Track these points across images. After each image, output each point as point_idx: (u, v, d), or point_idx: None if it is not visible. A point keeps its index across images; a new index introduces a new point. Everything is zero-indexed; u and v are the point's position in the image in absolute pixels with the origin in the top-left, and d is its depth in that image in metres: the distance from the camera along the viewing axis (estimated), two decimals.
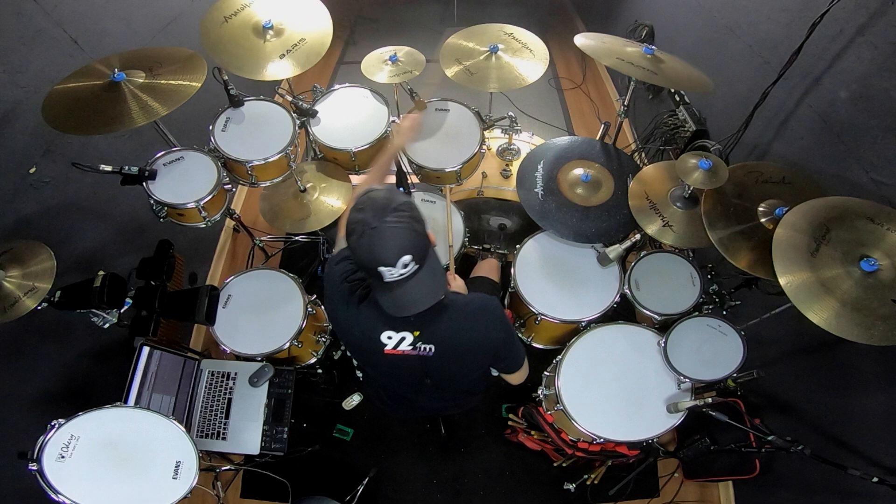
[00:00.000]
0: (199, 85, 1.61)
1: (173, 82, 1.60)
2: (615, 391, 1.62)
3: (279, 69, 1.79)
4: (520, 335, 1.99)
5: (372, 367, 1.34)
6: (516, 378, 1.36)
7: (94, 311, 1.54)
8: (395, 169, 2.03)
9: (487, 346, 1.21)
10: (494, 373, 1.42)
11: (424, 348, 1.16)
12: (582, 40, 1.71)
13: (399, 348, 1.15)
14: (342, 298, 1.17)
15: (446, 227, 1.90)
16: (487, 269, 1.89)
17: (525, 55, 1.88)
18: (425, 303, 1.04)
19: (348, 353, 1.54)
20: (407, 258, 0.98)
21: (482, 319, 1.18)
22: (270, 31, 1.83)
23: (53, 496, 1.19)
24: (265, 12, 1.86)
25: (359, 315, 1.15)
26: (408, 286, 1.02)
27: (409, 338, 1.14)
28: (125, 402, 1.49)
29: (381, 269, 0.98)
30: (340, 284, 1.18)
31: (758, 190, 1.50)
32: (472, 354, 1.22)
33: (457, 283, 1.57)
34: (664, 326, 1.67)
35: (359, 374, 1.64)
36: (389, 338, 1.14)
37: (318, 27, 1.89)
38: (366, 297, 1.15)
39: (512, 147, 2.24)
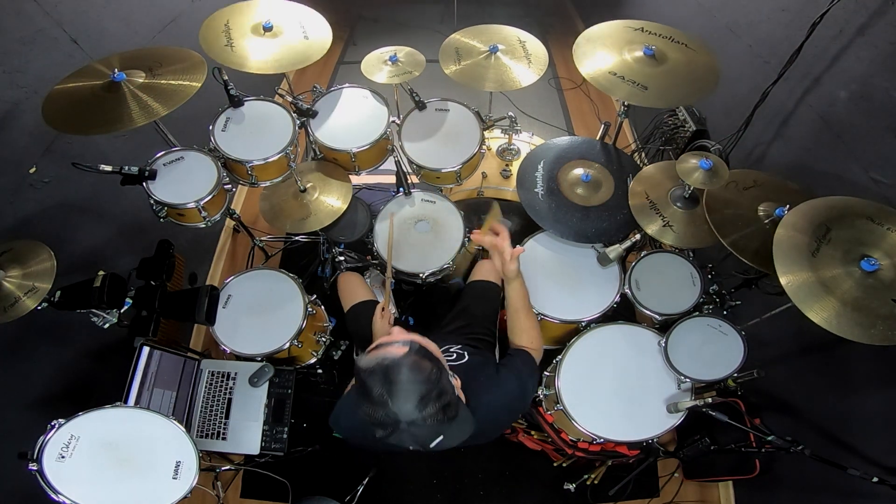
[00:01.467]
0: (199, 85, 1.61)
1: (173, 82, 1.60)
2: (615, 391, 1.62)
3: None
4: None
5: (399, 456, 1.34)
6: None
7: (94, 311, 1.54)
8: (395, 169, 2.04)
9: (507, 423, 1.27)
10: None
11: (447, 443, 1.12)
12: (585, 68, 1.70)
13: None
14: (356, 428, 1.15)
15: (386, 245, 1.78)
16: (487, 271, 1.89)
17: (523, 62, 1.88)
18: (450, 445, 0.99)
19: None
20: (439, 440, 0.93)
21: (507, 418, 1.24)
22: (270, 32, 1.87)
23: (53, 496, 1.19)
24: (265, 14, 1.89)
25: (373, 440, 1.03)
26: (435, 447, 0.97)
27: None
28: (125, 402, 1.49)
29: (412, 447, 0.94)
30: (353, 420, 1.15)
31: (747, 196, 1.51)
32: (493, 435, 1.25)
33: (387, 329, 1.46)
34: (664, 326, 1.67)
35: None
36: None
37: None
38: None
39: (512, 147, 2.24)
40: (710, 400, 1.50)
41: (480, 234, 1.39)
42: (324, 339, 1.96)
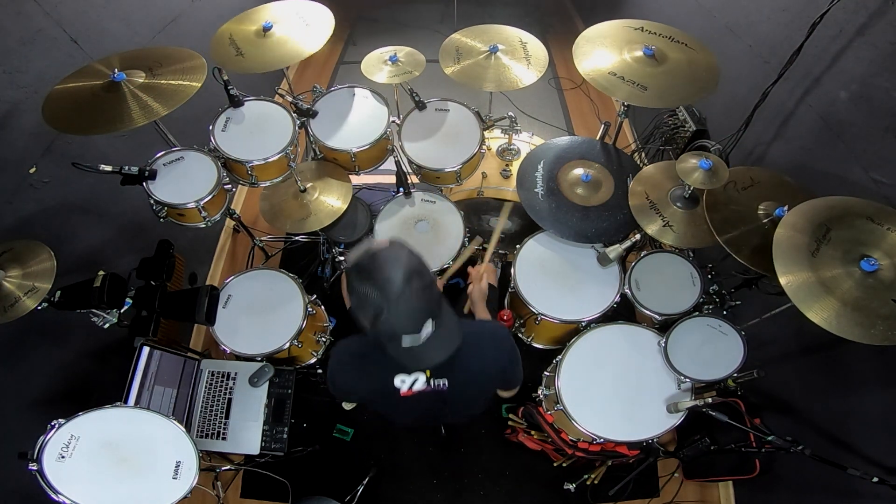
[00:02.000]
0: (199, 85, 1.61)
1: (173, 82, 1.61)
2: (615, 391, 1.62)
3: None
4: (520, 335, 1.99)
5: (389, 411, 1.35)
6: (509, 393, 1.38)
7: (94, 311, 1.54)
8: (395, 169, 2.04)
9: (496, 374, 1.24)
10: None
11: (438, 383, 1.17)
12: (585, 68, 1.70)
13: (414, 388, 1.16)
14: (348, 367, 1.20)
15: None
16: (486, 276, 1.89)
17: (523, 62, 1.88)
18: (444, 355, 1.04)
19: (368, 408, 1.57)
20: (429, 325, 0.98)
21: (491, 348, 1.22)
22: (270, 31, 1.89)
23: (53, 496, 1.19)
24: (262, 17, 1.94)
25: (365, 376, 1.18)
26: (427, 345, 1.01)
27: (422, 377, 1.15)
28: (125, 402, 1.49)
29: (404, 337, 0.98)
30: (345, 359, 1.21)
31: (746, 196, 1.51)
32: (484, 384, 1.27)
33: (482, 286, 1.61)
34: (664, 326, 1.67)
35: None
36: (403, 381, 1.15)
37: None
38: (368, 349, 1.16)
39: (512, 147, 2.24)
40: (710, 400, 1.50)
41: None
42: (324, 339, 1.96)
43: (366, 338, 1.16)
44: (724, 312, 1.72)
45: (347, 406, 1.83)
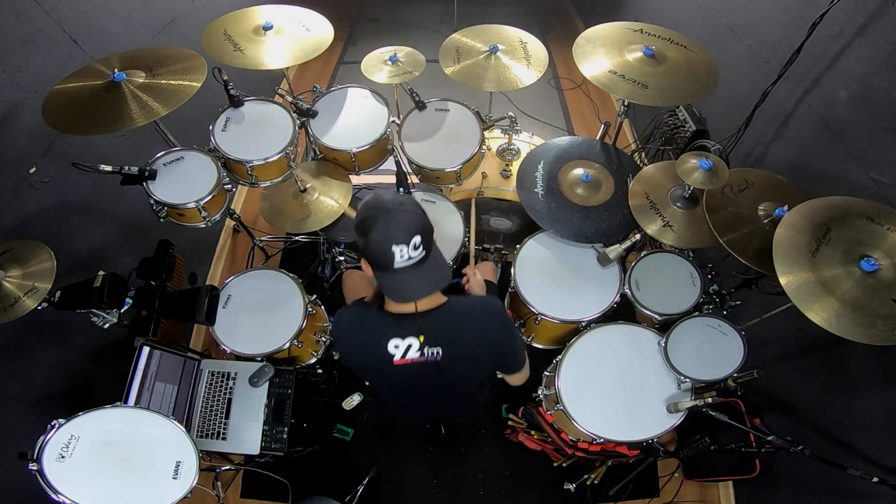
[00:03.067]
0: (199, 85, 1.61)
1: (173, 82, 1.61)
2: (615, 391, 1.62)
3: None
4: (520, 335, 1.99)
5: (385, 383, 1.36)
6: (517, 379, 1.38)
7: (94, 311, 1.54)
8: (395, 169, 2.04)
9: (491, 346, 1.23)
10: (498, 375, 1.43)
11: (432, 352, 1.18)
12: (585, 67, 1.71)
13: (408, 356, 1.17)
14: (347, 328, 1.25)
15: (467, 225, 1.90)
16: (484, 271, 1.90)
17: (523, 62, 1.88)
18: (431, 289, 1.12)
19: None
20: (417, 239, 1.06)
21: (485, 320, 1.21)
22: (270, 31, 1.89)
23: (53, 496, 1.19)
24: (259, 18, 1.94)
25: (362, 335, 1.21)
26: (415, 273, 1.08)
27: (416, 343, 1.16)
28: (125, 402, 1.48)
29: (394, 248, 1.04)
30: (345, 322, 1.26)
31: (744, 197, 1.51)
32: (479, 354, 1.25)
33: (478, 279, 1.62)
34: (664, 326, 1.67)
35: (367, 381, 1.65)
36: (396, 346, 1.16)
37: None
38: (366, 310, 1.22)
39: (512, 147, 2.24)
40: (710, 400, 1.49)
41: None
42: (324, 339, 1.96)
43: (366, 303, 1.25)
44: (724, 312, 1.72)
45: (347, 406, 1.83)
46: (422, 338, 1.16)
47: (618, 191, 1.85)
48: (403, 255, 1.05)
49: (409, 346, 1.16)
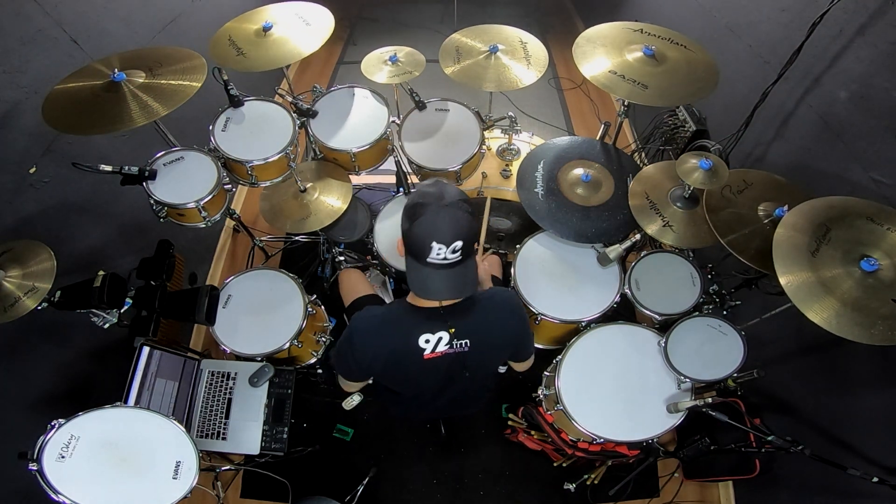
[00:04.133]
0: (199, 85, 1.61)
1: (173, 82, 1.60)
2: (615, 391, 1.62)
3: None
4: None
5: (406, 382, 1.36)
6: (524, 366, 1.42)
7: (94, 311, 1.54)
8: (395, 169, 2.04)
9: (513, 336, 1.28)
10: (501, 369, 1.45)
11: (460, 344, 1.20)
12: (585, 67, 1.71)
13: (438, 350, 1.19)
14: (374, 330, 1.22)
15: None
16: (491, 263, 1.90)
17: (523, 62, 1.88)
18: (455, 294, 1.12)
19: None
20: (459, 244, 1.05)
21: (507, 312, 1.25)
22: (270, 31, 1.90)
23: (53, 496, 1.19)
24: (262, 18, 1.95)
25: (389, 335, 1.20)
26: (444, 274, 1.08)
27: (446, 336, 1.18)
28: (125, 402, 1.48)
29: (434, 244, 1.03)
30: (371, 323, 1.23)
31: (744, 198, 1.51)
32: (501, 345, 1.29)
33: (487, 264, 1.66)
34: (664, 326, 1.67)
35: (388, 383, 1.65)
36: (427, 341, 1.17)
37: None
38: (393, 311, 1.22)
39: (512, 147, 2.24)
40: (710, 400, 1.50)
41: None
42: (324, 339, 1.96)
43: (388, 305, 1.25)
44: (724, 312, 1.72)
45: (347, 406, 1.83)
46: (452, 330, 1.17)
47: (618, 191, 1.85)
48: (440, 253, 1.05)
49: (439, 340, 1.18)
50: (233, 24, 1.97)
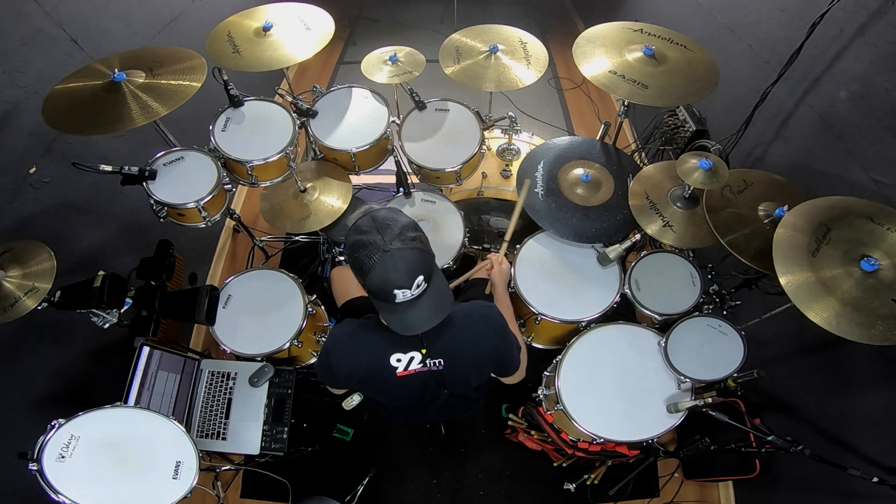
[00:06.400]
0: (199, 85, 1.61)
1: (173, 82, 1.61)
2: (615, 391, 1.62)
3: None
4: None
5: (384, 395, 1.35)
6: (512, 380, 1.39)
7: (94, 311, 1.54)
8: (395, 169, 2.04)
9: (492, 352, 1.25)
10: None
11: (434, 363, 1.19)
12: (585, 67, 1.71)
13: (411, 368, 1.18)
14: (348, 346, 1.21)
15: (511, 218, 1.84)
16: (505, 268, 1.89)
17: (523, 62, 1.88)
18: (435, 320, 1.06)
19: (361, 395, 1.56)
20: (420, 279, 1.01)
21: (483, 329, 1.22)
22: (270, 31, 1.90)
23: (53, 496, 1.19)
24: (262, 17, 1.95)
25: (363, 352, 1.19)
26: (418, 306, 1.04)
27: (418, 356, 1.17)
28: (125, 402, 1.49)
29: (395, 291, 1.00)
30: (346, 340, 1.22)
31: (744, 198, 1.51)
32: (478, 362, 1.27)
33: (503, 268, 1.62)
34: (664, 326, 1.67)
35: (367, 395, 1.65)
36: (399, 360, 1.17)
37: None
38: (365, 328, 1.20)
39: (512, 147, 2.24)
40: (710, 400, 1.49)
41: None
42: (324, 339, 1.96)
43: (362, 320, 1.21)
44: (724, 312, 1.71)
45: (347, 406, 1.83)
46: (424, 351, 1.17)
47: (618, 191, 1.85)
48: (405, 295, 1.01)
49: (411, 359, 1.17)
50: (235, 19, 1.97)
